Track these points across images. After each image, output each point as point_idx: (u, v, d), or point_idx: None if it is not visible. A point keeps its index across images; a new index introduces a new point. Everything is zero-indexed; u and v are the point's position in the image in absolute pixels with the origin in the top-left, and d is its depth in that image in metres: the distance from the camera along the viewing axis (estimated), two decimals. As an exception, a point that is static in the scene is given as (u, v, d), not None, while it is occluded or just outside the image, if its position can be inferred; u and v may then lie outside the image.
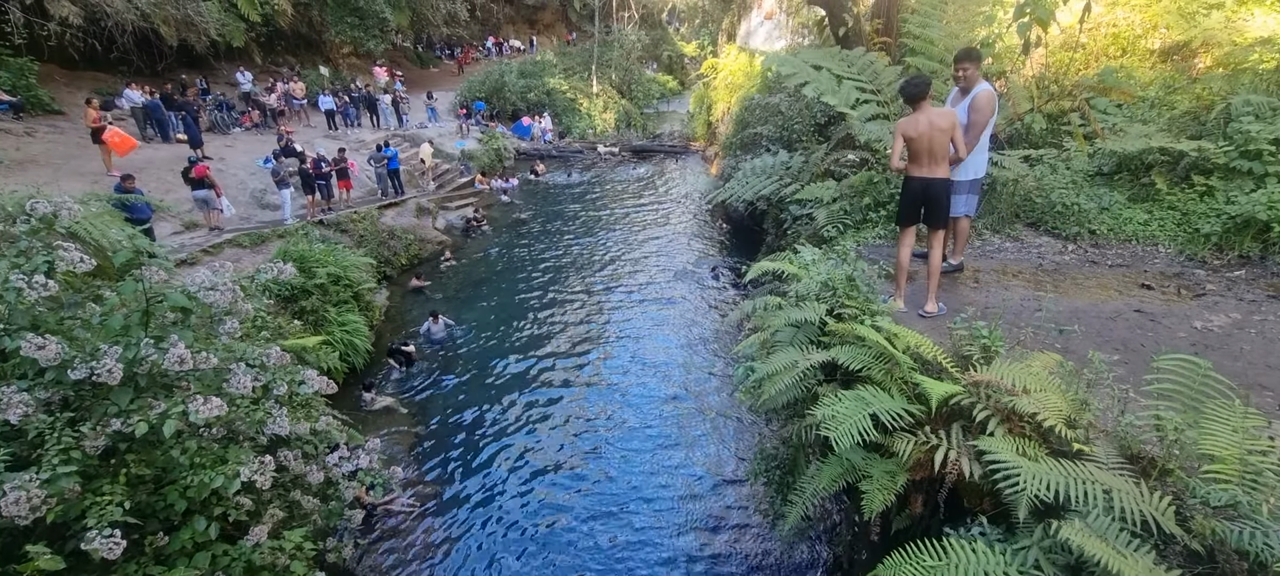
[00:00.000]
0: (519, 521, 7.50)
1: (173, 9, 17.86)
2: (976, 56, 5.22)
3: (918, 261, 5.69)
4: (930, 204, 4.88)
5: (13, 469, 3.22)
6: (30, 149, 13.42)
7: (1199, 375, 3.01)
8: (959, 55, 5.25)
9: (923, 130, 4.66)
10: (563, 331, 12.00)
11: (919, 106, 4.72)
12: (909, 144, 4.76)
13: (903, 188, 5.01)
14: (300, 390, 4.66)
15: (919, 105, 4.72)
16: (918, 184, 4.85)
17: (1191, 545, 2.58)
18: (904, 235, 5.04)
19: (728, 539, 7.21)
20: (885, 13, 11.02)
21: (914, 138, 4.70)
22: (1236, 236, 5.88)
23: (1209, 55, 8.22)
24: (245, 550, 3.92)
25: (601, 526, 7.40)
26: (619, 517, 7.54)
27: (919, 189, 4.86)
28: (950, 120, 4.71)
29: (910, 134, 4.71)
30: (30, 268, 3.73)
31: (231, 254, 11.34)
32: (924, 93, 4.72)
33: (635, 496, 7.86)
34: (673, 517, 7.53)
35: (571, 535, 7.30)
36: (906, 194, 4.97)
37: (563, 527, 7.41)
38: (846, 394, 3.60)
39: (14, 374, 3.56)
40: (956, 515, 3.33)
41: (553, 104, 29.31)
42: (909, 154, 4.82)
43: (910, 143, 4.75)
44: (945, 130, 4.68)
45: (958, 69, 5.21)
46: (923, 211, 4.93)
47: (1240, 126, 6.26)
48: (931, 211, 4.92)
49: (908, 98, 4.80)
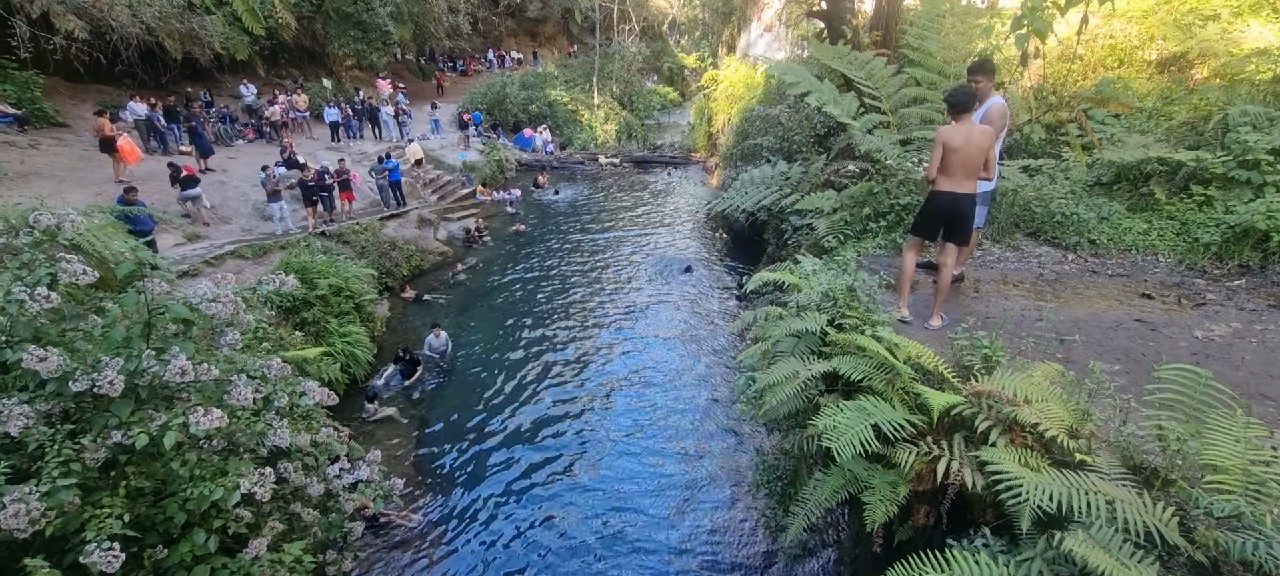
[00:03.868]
0: (520, 533, 7.46)
1: (177, 23, 18.01)
2: (990, 69, 5.16)
3: (920, 271, 5.68)
4: (957, 219, 4.73)
5: (12, 481, 3.22)
6: (34, 161, 13.48)
7: (1200, 385, 3.00)
8: (972, 67, 5.20)
9: (963, 142, 4.49)
10: (563, 342, 11.99)
11: (963, 117, 4.56)
12: (946, 154, 4.55)
13: (928, 199, 4.81)
14: (301, 402, 4.65)
15: (963, 115, 4.56)
16: (946, 198, 4.66)
17: (1195, 556, 2.57)
18: (913, 244, 4.95)
19: (729, 550, 7.17)
20: (884, 24, 11.11)
21: (955, 148, 4.50)
22: (1236, 245, 5.88)
23: (1206, 66, 8.27)
24: (244, 563, 3.90)
25: (602, 537, 7.37)
26: (620, 528, 7.50)
27: (947, 202, 4.68)
28: (990, 137, 4.55)
29: (954, 143, 4.50)
30: (33, 280, 3.74)
31: (233, 265, 11.37)
32: (971, 103, 4.59)
33: (636, 507, 7.83)
34: (674, 529, 7.49)
35: (572, 546, 7.26)
36: (932, 206, 4.78)
37: (563, 539, 7.37)
38: (848, 404, 3.59)
39: (15, 386, 3.56)
40: (959, 526, 3.31)
41: (554, 116, 29.45)
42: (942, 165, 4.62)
43: (949, 153, 4.54)
44: (984, 147, 4.52)
45: (971, 81, 5.12)
46: (945, 226, 4.79)
47: (1238, 136, 6.28)
48: (956, 227, 4.76)
49: (955, 106, 4.59)
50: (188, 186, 12.86)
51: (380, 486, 5.23)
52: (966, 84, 4.83)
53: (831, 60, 8.64)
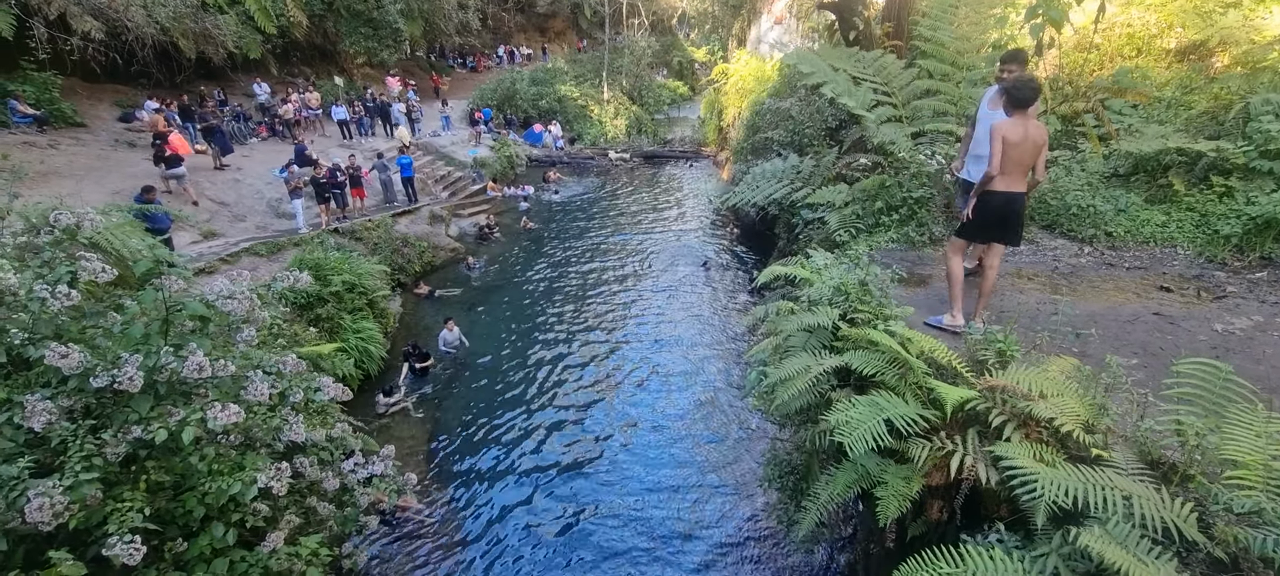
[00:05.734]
0: (532, 525, 7.51)
1: (191, 23, 18.20)
2: (1023, 59, 5.01)
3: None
4: (1012, 220, 4.52)
5: (36, 476, 3.28)
6: (53, 161, 13.69)
7: (1220, 379, 2.96)
8: (1005, 57, 5.05)
9: (1022, 138, 4.26)
10: (574, 337, 12.03)
11: (1021, 112, 4.30)
12: (1005, 151, 4.29)
13: (982, 200, 4.52)
14: (315, 397, 4.71)
15: (1023, 110, 4.30)
16: (1001, 198, 4.43)
17: (1214, 552, 2.54)
18: (959, 249, 4.73)
19: (741, 544, 7.18)
20: (896, 16, 10.98)
21: (1014, 143, 4.27)
22: (1258, 237, 5.78)
23: (1226, 54, 8.11)
24: (262, 556, 3.96)
25: (614, 530, 7.40)
26: (632, 521, 7.53)
27: (1002, 203, 4.44)
28: (1045, 136, 4.37)
29: (1013, 139, 4.26)
30: (54, 278, 3.81)
31: (248, 262, 11.50)
32: (1034, 99, 4.33)
33: (648, 500, 7.85)
34: (686, 523, 7.50)
35: (584, 539, 7.30)
36: (986, 206, 4.50)
37: (575, 531, 7.42)
38: (860, 399, 3.58)
39: (38, 382, 3.63)
40: (973, 521, 3.29)
41: (564, 111, 29.42)
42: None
43: (1007, 149, 4.28)
44: (1040, 146, 4.34)
45: (1003, 70, 5.00)
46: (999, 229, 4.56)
47: (1260, 126, 6.17)
48: (1011, 228, 4.55)
49: (1018, 101, 4.30)
50: (172, 165, 13.31)
51: (394, 481, 5.29)
52: (1032, 78, 4.55)
53: (839, 62, 8.55)
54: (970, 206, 4.59)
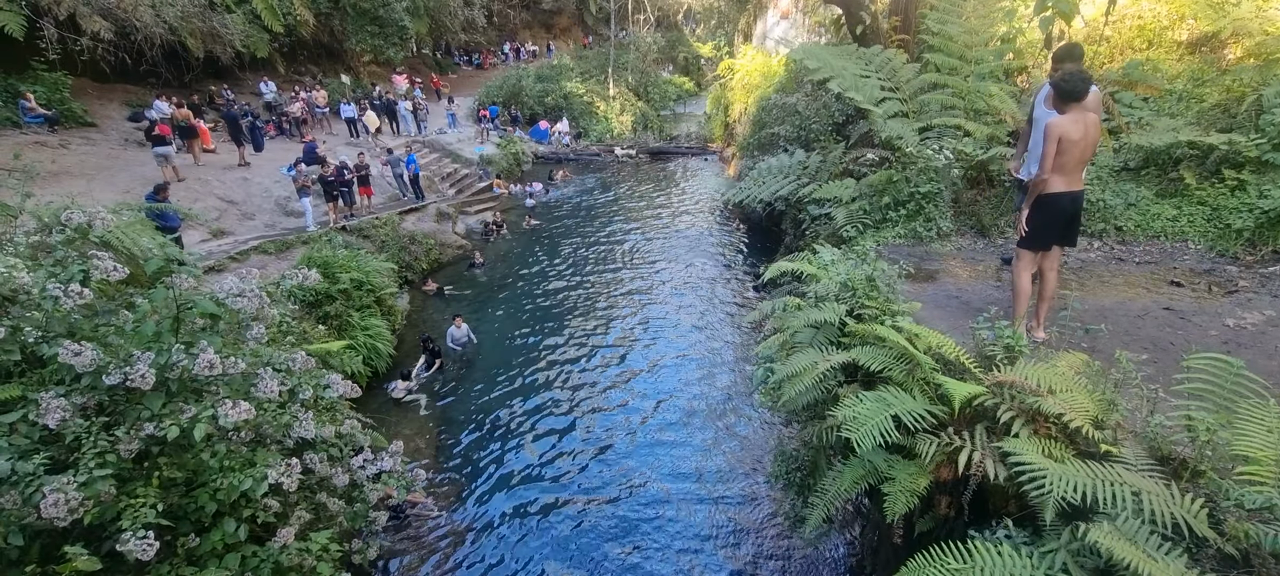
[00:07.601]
0: (540, 521, 7.54)
1: (199, 22, 18.29)
2: (1079, 54, 4.70)
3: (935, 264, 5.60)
4: (1075, 221, 4.24)
5: (51, 472, 3.33)
6: (65, 160, 13.82)
7: (1232, 374, 2.94)
8: (1058, 54, 4.71)
9: (1081, 134, 3.91)
10: (581, 333, 12.05)
11: (1074, 106, 3.96)
12: (1062, 149, 3.91)
13: (1041, 204, 4.16)
14: (325, 394, 4.75)
15: (1076, 104, 3.96)
16: (1066, 198, 4.09)
17: (1225, 548, 2.52)
18: (1031, 259, 4.37)
19: (749, 540, 7.18)
20: (903, 10, 10.91)
21: (1074, 141, 3.90)
22: (1270, 231, 5.73)
23: (1239, 46, 8.01)
24: (273, 551, 4.01)
25: (622, 526, 7.42)
26: (640, 518, 7.54)
27: (1068, 203, 4.11)
28: (1100, 127, 4.10)
29: (1072, 136, 3.89)
30: (66, 277, 3.85)
31: (258, 260, 11.57)
32: (1086, 90, 3.95)
33: (655, 496, 7.87)
34: (694, 518, 7.52)
35: (591, 534, 7.32)
36: (1050, 210, 4.13)
37: (582, 527, 7.44)
38: (868, 395, 3.57)
39: (52, 379, 3.68)
40: (981, 517, 3.29)
41: (570, 107, 29.42)
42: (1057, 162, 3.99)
43: (1066, 147, 3.91)
44: (1097, 139, 4.02)
45: (1056, 68, 4.63)
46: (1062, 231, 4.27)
47: (1273, 118, 6.10)
48: (1072, 230, 4.28)
49: (1069, 94, 3.95)
50: (159, 144, 13.69)
51: (403, 476, 5.32)
52: (1083, 70, 4.19)
53: (844, 61, 8.51)
54: (1025, 215, 4.28)
